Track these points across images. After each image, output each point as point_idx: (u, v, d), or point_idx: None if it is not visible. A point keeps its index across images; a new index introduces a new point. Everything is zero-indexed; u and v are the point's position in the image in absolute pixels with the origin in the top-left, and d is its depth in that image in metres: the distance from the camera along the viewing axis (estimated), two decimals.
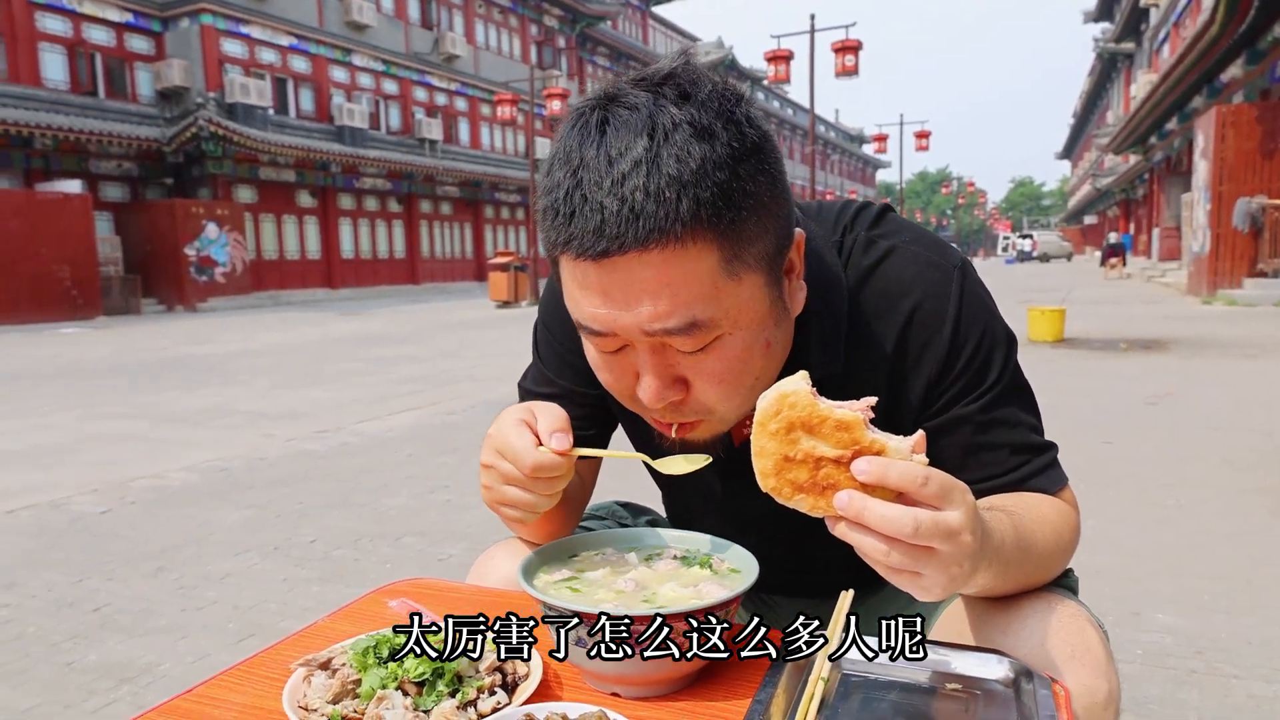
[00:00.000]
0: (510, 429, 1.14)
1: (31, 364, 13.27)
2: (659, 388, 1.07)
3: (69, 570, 4.00)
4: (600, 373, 1.15)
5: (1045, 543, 1.13)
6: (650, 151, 0.96)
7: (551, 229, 1.02)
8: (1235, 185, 18.74)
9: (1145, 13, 42.73)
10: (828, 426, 0.90)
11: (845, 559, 1.36)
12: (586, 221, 0.97)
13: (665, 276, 0.98)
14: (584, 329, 1.08)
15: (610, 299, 1.00)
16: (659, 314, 0.99)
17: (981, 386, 1.21)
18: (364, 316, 23.22)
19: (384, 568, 3.95)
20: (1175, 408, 7.28)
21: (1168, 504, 4.63)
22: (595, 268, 0.99)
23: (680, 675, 1.03)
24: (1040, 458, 1.23)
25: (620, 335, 1.04)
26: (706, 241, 0.98)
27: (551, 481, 1.14)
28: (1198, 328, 13.75)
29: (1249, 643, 3.01)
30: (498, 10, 44.91)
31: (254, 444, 6.75)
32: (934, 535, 0.87)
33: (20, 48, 26.11)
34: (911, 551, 0.88)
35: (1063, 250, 69.09)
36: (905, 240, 1.24)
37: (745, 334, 1.06)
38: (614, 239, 0.96)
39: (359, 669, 0.98)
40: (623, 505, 1.66)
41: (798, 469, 0.91)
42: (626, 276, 0.98)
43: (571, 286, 1.04)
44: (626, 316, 1.00)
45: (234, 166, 30.75)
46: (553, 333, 1.41)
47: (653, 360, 1.06)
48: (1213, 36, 17.72)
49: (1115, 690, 1.07)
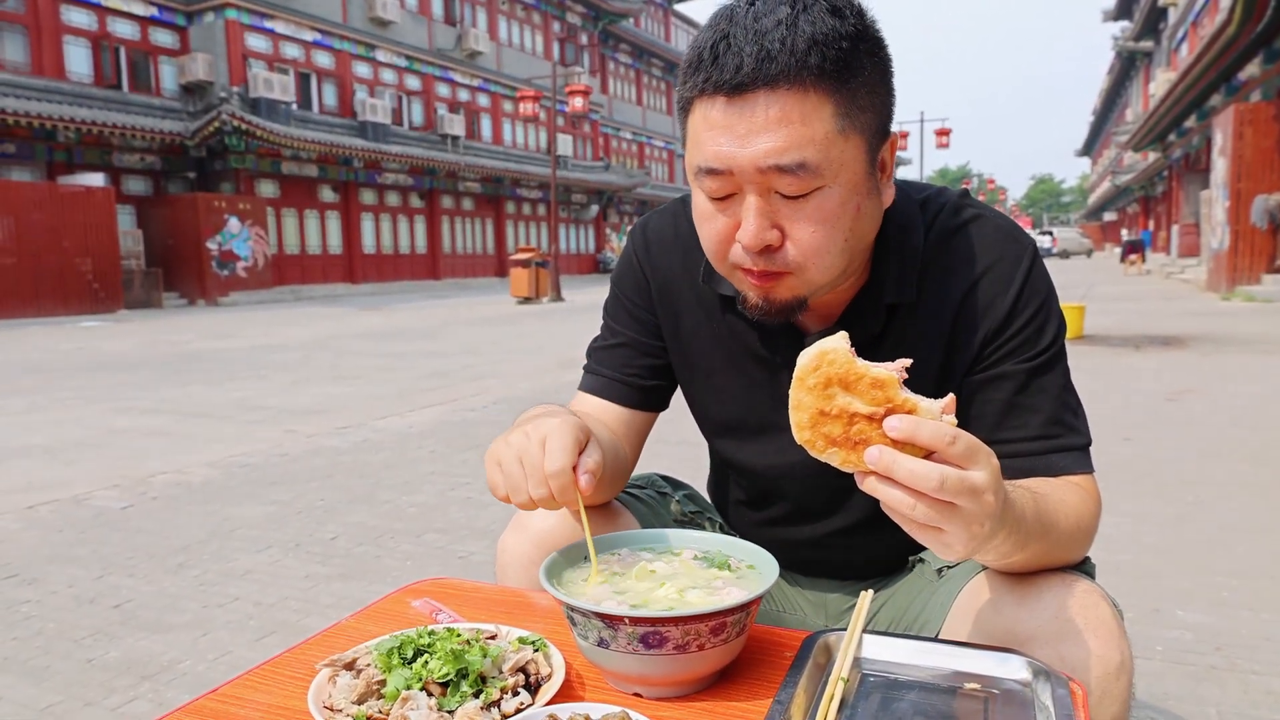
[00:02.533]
0: (554, 436, 1.18)
1: (55, 357, 13.37)
2: (759, 228, 1.16)
3: (91, 566, 4.02)
4: (704, 226, 1.24)
5: (1066, 525, 1.17)
6: (791, 15, 1.11)
7: (692, 75, 1.16)
8: (1253, 182, 18.77)
9: (1164, 12, 42.57)
10: (863, 384, 0.94)
11: (868, 525, 1.48)
12: (728, 61, 1.11)
13: (786, 116, 1.11)
14: (702, 173, 1.17)
15: (734, 134, 1.13)
16: (775, 149, 1.11)
17: (1032, 351, 1.30)
18: (385, 312, 23.29)
19: (405, 565, 3.97)
20: (1195, 404, 7.24)
21: (1188, 500, 4.60)
22: (726, 104, 1.12)
23: (702, 676, 1.04)
24: (1072, 436, 1.30)
25: (735, 174, 1.14)
26: (824, 95, 1.12)
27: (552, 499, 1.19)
28: (1217, 324, 13.66)
29: (1268, 639, 3.00)
30: (521, 7, 45.03)
31: (276, 439, 6.79)
32: (958, 492, 0.91)
33: (45, 41, 26.31)
34: (936, 506, 0.92)
35: (1082, 247, 68.79)
36: (989, 214, 1.38)
37: (842, 191, 1.17)
38: (749, 74, 1.10)
39: (384, 669, 1.00)
40: (663, 478, 1.73)
41: (832, 423, 0.95)
42: (752, 112, 1.11)
43: (699, 130, 1.17)
44: (745, 153, 1.12)
45: (256, 161, 30.91)
46: (623, 292, 1.57)
47: (758, 203, 1.15)
48: (1230, 36, 17.70)
49: (1128, 660, 1.11)
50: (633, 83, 57.21)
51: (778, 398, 1.41)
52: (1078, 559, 1.25)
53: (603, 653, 1.02)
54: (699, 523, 1.65)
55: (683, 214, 1.52)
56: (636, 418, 1.55)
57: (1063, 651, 1.08)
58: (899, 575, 1.55)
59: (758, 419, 1.48)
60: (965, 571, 1.31)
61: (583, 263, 51.09)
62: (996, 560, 1.11)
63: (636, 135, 57.34)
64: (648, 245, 1.54)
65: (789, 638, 1.16)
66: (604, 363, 1.56)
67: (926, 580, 1.44)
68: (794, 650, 1.11)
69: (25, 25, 26.01)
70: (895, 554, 1.54)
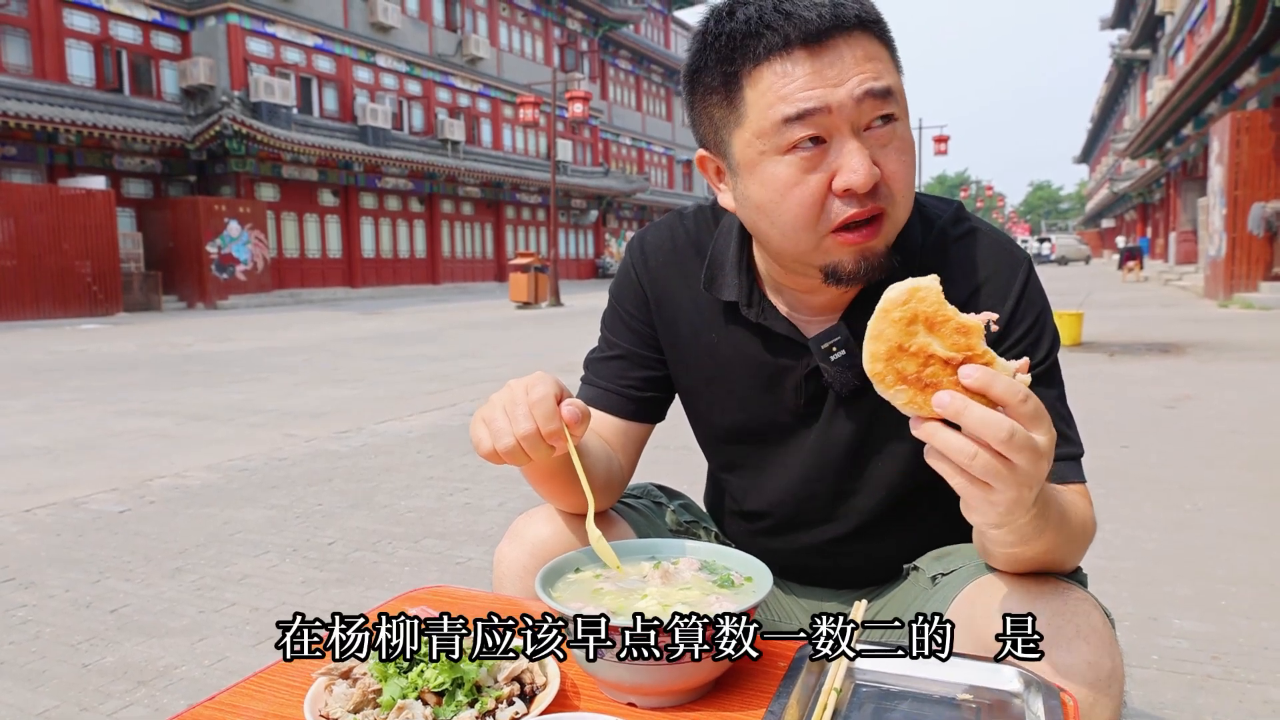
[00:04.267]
0: (536, 378, 1.21)
1: (54, 359, 13.38)
2: (870, 163, 1.18)
3: (88, 570, 4.03)
4: (790, 194, 1.22)
5: (1075, 523, 1.19)
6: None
7: (754, 39, 1.19)
8: (1250, 190, 18.80)
9: (1161, 20, 42.71)
10: (948, 328, 0.94)
11: (863, 535, 1.52)
12: (805, 13, 1.17)
13: (868, 52, 1.19)
14: (792, 121, 1.18)
15: (823, 77, 1.17)
16: (869, 76, 1.17)
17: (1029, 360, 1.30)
18: (385, 316, 23.30)
19: (403, 570, 3.97)
20: (1194, 411, 7.25)
21: (1186, 507, 4.61)
22: (809, 55, 1.17)
23: (695, 685, 1.05)
24: (1069, 446, 1.32)
25: (831, 111, 1.17)
26: (882, 45, 1.22)
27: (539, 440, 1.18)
28: (1215, 331, 13.68)
29: (1266, 647, 3.00)
30: (521, 13, 45.05)
31: (275, 443, 6.79)
32: (1023, 448, 0.91)
33: (47, 44, 26.30)
34: (995, 460, 0.92)
35: (1080, 253, 68.81)
36: (986, 228, 1.43)
37: (906, 126, 1.25)
38: (832, 21, 1.16)
39: (379, 678, 1.00)
40: (659, 487, 1.74)
41: (908, 360, 0.94)
42: (838, 54, 1.17)
43: (779, 86, 1.19)
44: (840, 90, 1.17)
45: (257, 165, 30.90)
46: (620, 304, 1.58)
47: (858, 140, 1.19)
48: (1227, 44, 17.78)
49: (1119, 668, 1.12)
50: (632, 89, 57.22)
51: (783, 404, 1.46)
52: (1075, 565, 1.27)
53: (597, 662, 1.03)
54: (694, 532, 1.66)
55: (679, 226, 1.55)
56: (632, 429, 1.56)
57: (1054, 658, 1.09)
58: (894, 583, 1.55)
59: (758, 425, 1.50)
60: (959, 579, 1.32)
61: (582, 268, 51.08)
62: (1016, 542, 1.10)
63: (636, 141, 57.34)
64: (645, 257, 1.56)
65: (782, 648, 1.16)
66: (601, 374, 1.57)
67: (921, 588, 1.44)
68: (788, 660, 1.11)
69: (27, 28, 26.00)
70: (891, 562, 1.55)
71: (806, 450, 1.47)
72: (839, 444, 1.44)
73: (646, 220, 58.09)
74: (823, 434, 1.45)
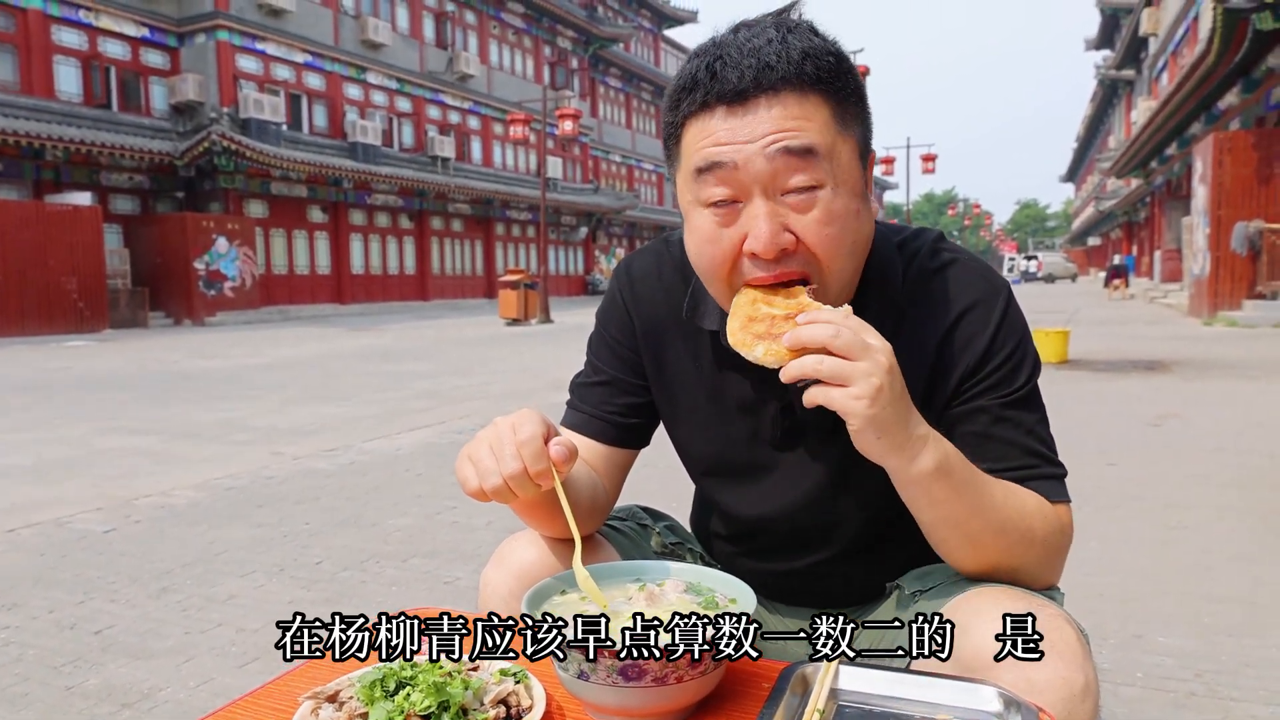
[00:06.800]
0: (522, 417, 1.22)
1: (40, 376, 13.33)
2: (772, 231, 1.20)
3: (72, 590, 4.00)
4: (706, 248, 1.27)
5: (1008, 510, 1.24)
6: (779, 35, 1.21)
7: (687, 95, 1.24)
8: (1233, 209, 19.02)
9: (1144, 41, 43.07)
10: (779, 296, 1.22)
11: (848, 556, 1.54)
12: (728, 74, 1.19)
13: (790, 113, 1.18)
14: (704, 174, 1.23)
15: (736, 134, 1.19)
16: (782, 134, 1.18)
17: (1008, 388, 1.35)
18: (374, 332, 23.27)
19: (391, 590, 3.96)
20: (1179, 429, 7.28)
21: (1171, 525, 4.63)
22: (728, 112, 1.20)
23: (680, 707, 1.06)
24: (1047, 467, 1.34)
25: (740, 169, 1.19)
26: (822, 99, 1.21)
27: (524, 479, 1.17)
28: (1199, 349, 13.75)
29: (1249, 665, 3.01)
30: (512, 31, 45.23)
31: (262, 461, 6.77)
32: (851, 345, 1.09)
33: (35, 60, 26.31)
34: (839, 362, 1.09)
35: (1067, 271, 69.27)
36: (964, 258, 1.43)
37: (844, 194, 1.23)
38: (751, 83, 1.18)
39: (366, 702, 1.01)
40: (644, 509, 1.74)
41: (758, 324, 1.19)
42: (755, 117, 1.19)
43: (696, 140, 1.23)
44: (751, 146, 1.18)
45: (246, 181, 30.89)
46: (606, 330, 1.59)
47: (768, 206, 1.20)
48: (1209, 66, 18.00)
49: (1093, 683, 1.12)
50: (622, 106, 57.40)
51: (761, 436, 1.47)
52: (1049, 580, 1.31)
53: (583, 684, 1.04)
54: (680, 554, 1.66)
55: (666, 253, 1.56)
56: (616, 454, 1.57)
57: (1029, 674, 1.09)
58: (877, 602, 1.57)
59: (741, 456, 1.50)
60: (939, 595, 1.33)
61: (571, 284, 51.12)
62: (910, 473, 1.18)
63: (626, 158, 57.48)
64: (632, 284, 1.57)
65: (766, 669, 1.17)
66: (586, 400, 1.58)
67: (904, 606, 1.45)
68: (771, 681, 1.12)
69: (15, 45, 26.01)
70: (874, 582, 1.56)
71: (786, 482, 1.48)
72: (818, 476, 1.45)
73: (636, 237, 58.24)
74: (801, 466, 1.46)
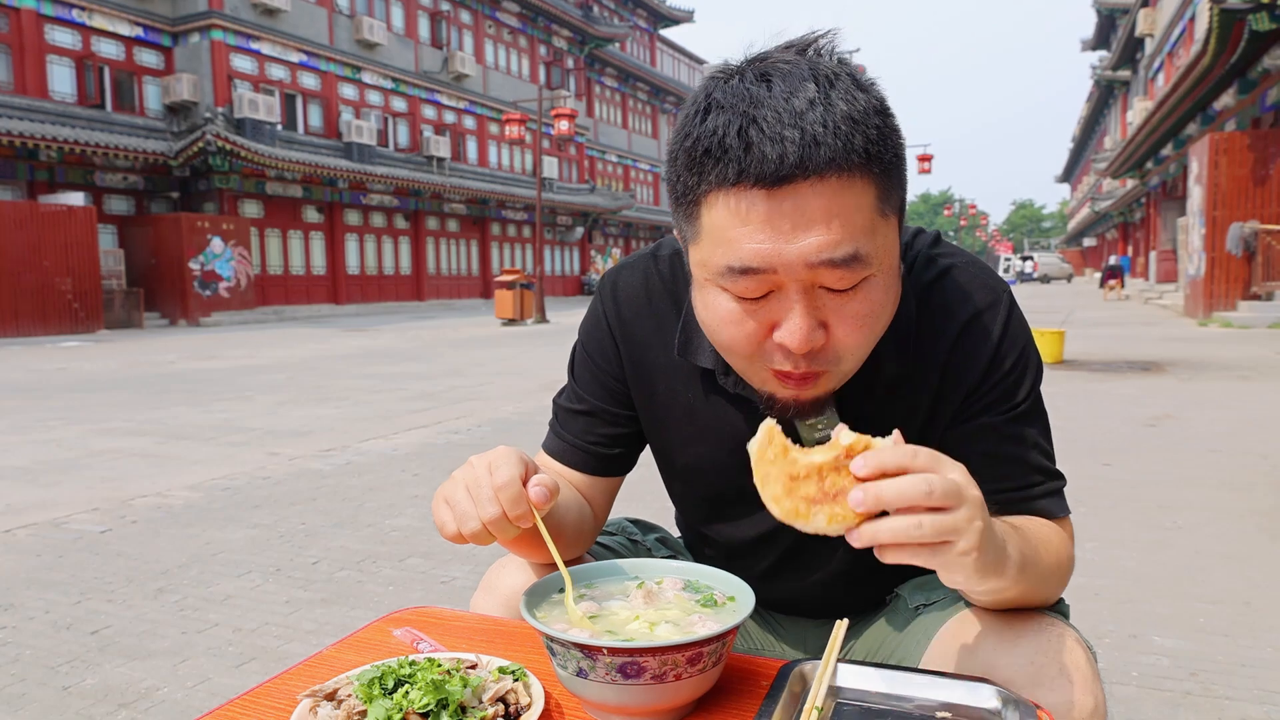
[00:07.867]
0: (499, 458, 1.14)
1: (35, 377, 13.30)
2: (809, 328, 1.07)
3: (69, 591, 4.00)
4: (726, 328, 1.13)
5: (1047, 560, 1.17)
6: (821, 93, 1.01)
7: (714, 165, 1.04)
8: (1228, 210, 19.08)
9: (1140, 42, 43.17)
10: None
11: (850, 575, 1.48)
12: (766, 150, 0.99)
13: (835, 206, 1.01)
14: (735, 271, 1.06)
15: (777, 230, 1.02)
16: (827, 244, 1.02)
17: (1010, 402, 1.29)
18: (369, 333, 23.25)
19: (387, 590, 3.96)
20: (1174, 430, 7.29)
21: (1166, 526, 4.64)
22: (766, 197, 1.01)
23: (679, 705, 1.06)
24: (1052, 482, 1.30)
25: (778, 272, 1.04)
26: (869, 178, 1.04)
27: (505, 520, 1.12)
28: (1195, 349, 13.79)
29: (1243, 665, 3.03)
30: (507, 31, 45.18)
31: (259, 462, 6.77)
32: (947, 494, 0.90)
33: (28, 60, 26.24)
34: (936, 515, 0.90)
35: (1063, 271, 69.33)
36: (961, 262, 1.33)
37: (885, 278, 1.11)
38: (795, 165, 0.99)
39: (364, 700, 1.01)
40: (633, 522, 1.71)
41: (805, 484, 0.94)
42: (797, 205, 1.01)
43: (729, 225, 1.05)
44: (791, 249, 1.02)
45: (241, 181, 30.85)
46: (590, 354, 1.48)
47: (805, 301, 1.06)
48: (1205, 67, 18.07)
49: (1101, 705, 1.11)
50: (618, 106, 57.39)
51: None
52: (1055, 598, 1.26)
53: (581, 682, 1.04)
54: None
55: (654, 271, 1.45)
56: (601, 481, 1.51)
57: (1038, 696, 1.09)
58: (877, 612, 1.55)
59: (736, 492, 1.43)
60: (942, 608, 1.32)
61: (567, 284, 51.10)
62: (995, 589, 1.06)
63: (622, 158, 57.49)
64: (618, 306, 1.45)
65: (765, 667, 1.17)
66: (568, 427, 1.50)
67: (903, 617, 1.43)
68: (770, 679, 1.12)
69: (8, 44, 25.95)
70: (873, 597, 1.54)
71: None
72: None
73: (632, 237, 58.26)
74: None
